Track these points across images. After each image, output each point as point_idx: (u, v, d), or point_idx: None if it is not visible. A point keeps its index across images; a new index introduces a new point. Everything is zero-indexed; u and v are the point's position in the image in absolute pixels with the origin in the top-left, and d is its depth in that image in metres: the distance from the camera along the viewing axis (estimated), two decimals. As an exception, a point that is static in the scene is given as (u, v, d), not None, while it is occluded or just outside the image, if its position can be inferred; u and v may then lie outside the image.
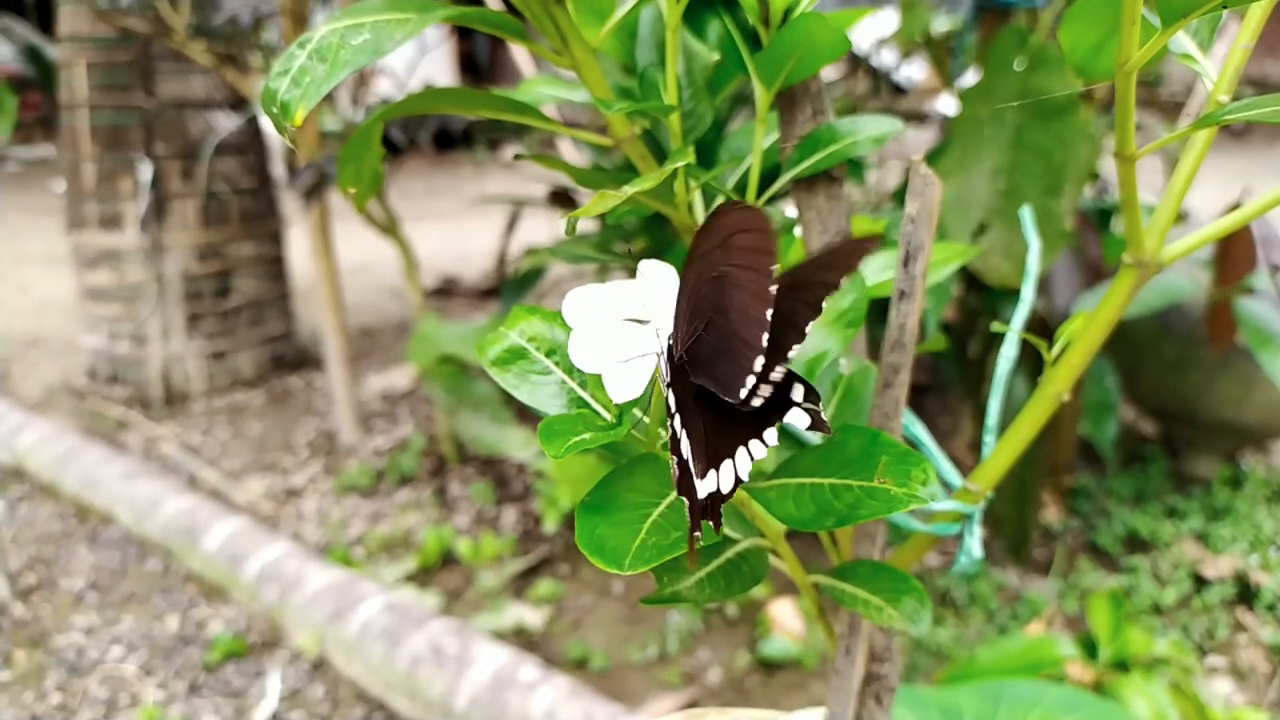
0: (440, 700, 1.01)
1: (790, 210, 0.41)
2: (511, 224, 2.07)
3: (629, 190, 0.27)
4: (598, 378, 0.29)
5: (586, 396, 0.29)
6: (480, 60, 6.48)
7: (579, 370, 0.29)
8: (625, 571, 0.24)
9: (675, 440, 0.24)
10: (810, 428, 0.25)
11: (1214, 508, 1.39)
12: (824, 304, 0.25)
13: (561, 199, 1.66)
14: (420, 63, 1.68)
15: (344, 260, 1.68)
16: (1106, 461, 1.46)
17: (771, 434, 0.25)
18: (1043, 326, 1.29)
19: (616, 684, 1.10)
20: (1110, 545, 1.33)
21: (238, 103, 1.93)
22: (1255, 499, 1.40)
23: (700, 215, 0.39)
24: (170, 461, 1.69)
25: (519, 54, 2.13)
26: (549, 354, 0.30)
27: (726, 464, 0.25)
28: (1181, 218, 1.21)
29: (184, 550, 1.36)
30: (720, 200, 0.40)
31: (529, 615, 1.21)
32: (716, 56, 0.42)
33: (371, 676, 1.09)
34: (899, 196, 1.30)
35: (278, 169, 2.13)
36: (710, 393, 0.25)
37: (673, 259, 0.29)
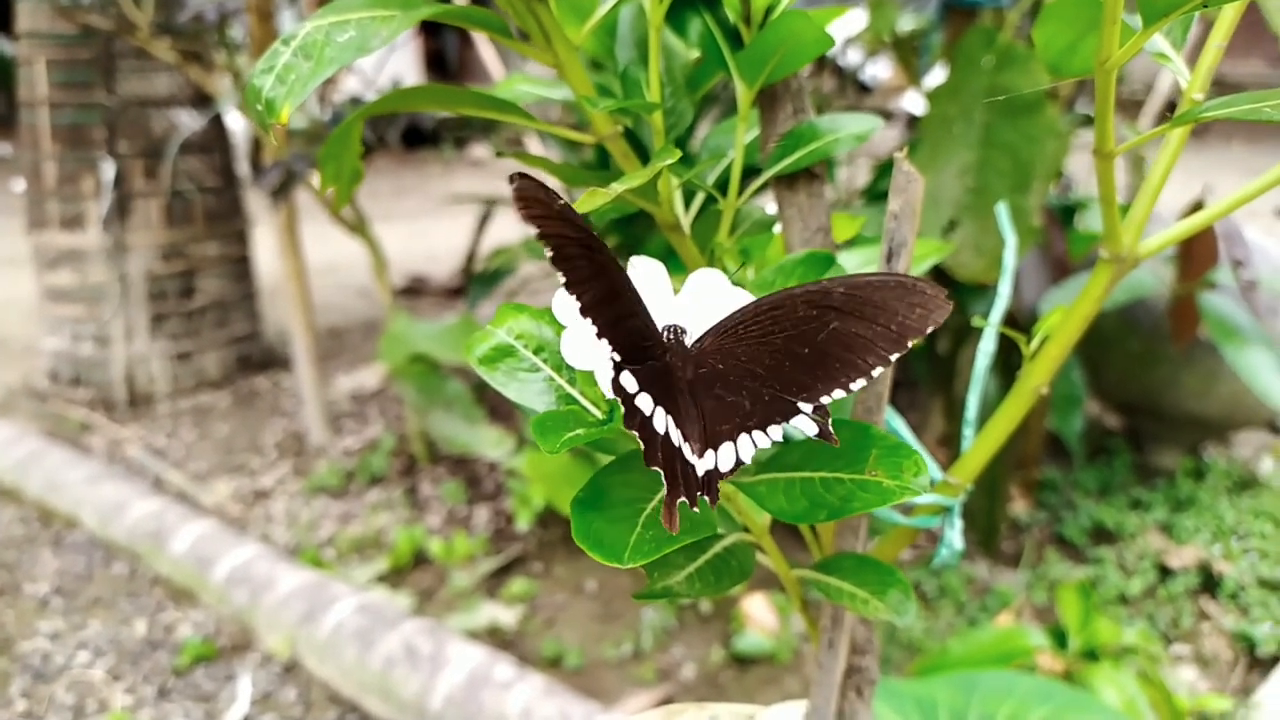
0: (415, 701, 1.00)
1: (771, 207, 0.41)
2: (483, 222, 2.07)
3: (618, 188, 0.27)
4: (586, 375, 0.29)
5: (575, 393, 0.29)
6: (450, 58, 6.45)
7: (567, 367, 0.30)
8: (624, 564, 0.24)
9: (638, 415, 0.25)
10: (818, 436, 0.26)
11: (1177, 499, 1.41)
12: (909, 343, 0.26)
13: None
14: (388, 60, 1.67)
15: (310, 260, 1.67)
16: (1073, 455, 1.48)
17: (776, 430, 0.26)
18: (1011, 322, 1.30)
19: (591, 682, 1.10)
20: (1077, 537, 1.35)
21: (202, 100, 1.90)
22: (1217, 490, 1.43)
23: (680, 212, 0.40)
24: (135, 464, 1.66)
25: (487, 53, 2.12)
26: (537, 351, 0.30)
27: (727, 446, 0.25)
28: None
29: (151, 553, 1.34)
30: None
31: (502, 614, 1.20)
32: (694, 55, 0.42)
33: (344, 678, 1.09)
34: (869, 193, 1.31)
35: (243, 167, 2.11)
36: (710, 381, 0.26)
37: (645, 256, 0.29)
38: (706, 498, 0.25)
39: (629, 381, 0.25)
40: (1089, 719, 0.66)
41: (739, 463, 0.26)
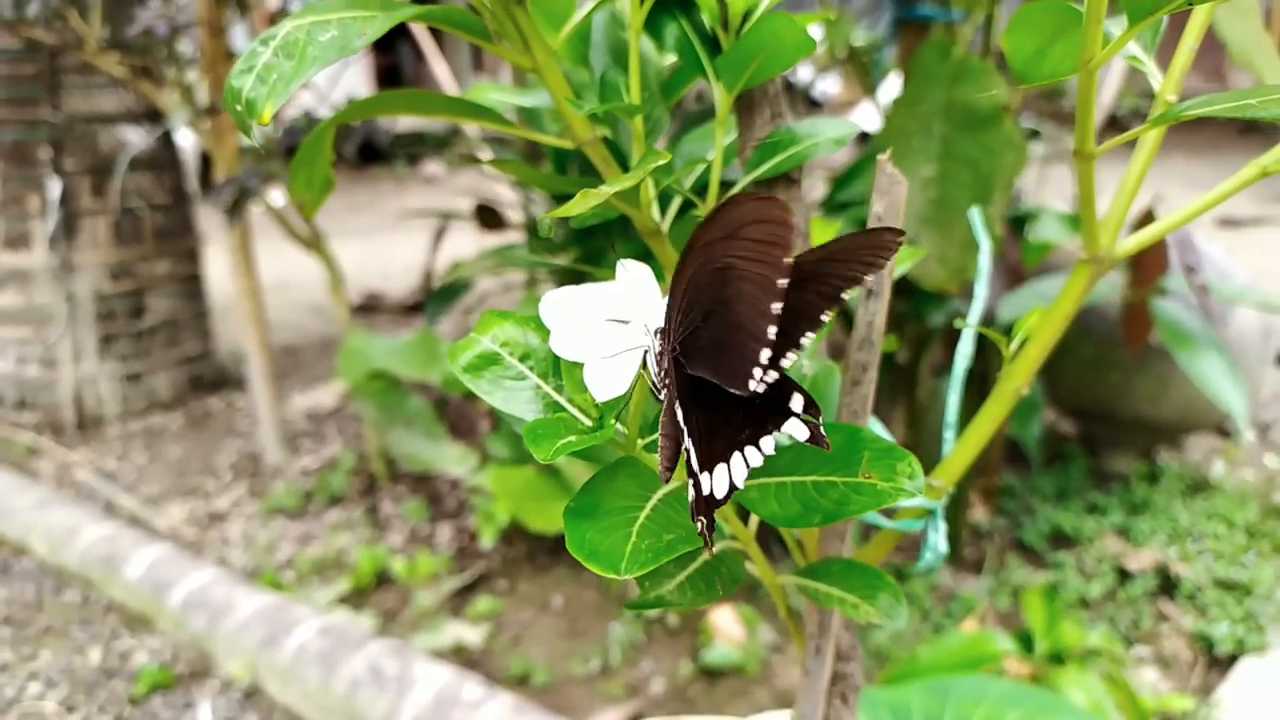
0: (381, 723, 0.99)
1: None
2: (438, 238, 2.05)
3: (609, 189, 0.27)
4: (574, 381, 0.28)
5: (563, 401, 0.29)
6: (405, 74, 6.44)
7: (555, 374, 0.29)
8: (622, 576, 0.23)
9: (679, 430, 0.24)
10: (809, 441, 0.25)
11: (1133, 503, 1.44)
12: (844, 295, 0.25)
13: (488, 214, 1.65)
14: (343, 75, 1.66)
15: (262, 277, 1.64)
16: (1031, 461, 1.49)
17: (769, 442, 0.25)
18: (969, 330, 1.32)
19: (560, 699, 1.08)
20: (1036, 542, 1.36)
21: (152, 116, 1.87)
22: (1171, 493, 1.45)
23: (659, 217, 0.39)
24: (85, 488, 1.62)
25: (441, 69, 2.11)
26: (523, 359, 0.29)
27: (720, 468, 0.25)
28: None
29: (104, 580, 1.31)
30: (724, 196, 0.40)
31: (468, 633, 1.19)
32: (668, 61, 0.42)
33: (307, 702, 1.06)
34: (826, 205, 1.32)
35: (192, 184, 2.08)
36: (702, 393, 0.25)
37: (607, 268, 0.29)
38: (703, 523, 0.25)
39: (684, 420, 0.24)
40: (1061, 721, 0.67)
41: (733, 488, 0.25)
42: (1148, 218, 1.13)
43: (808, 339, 0.25)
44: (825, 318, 0.25)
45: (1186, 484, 1.49)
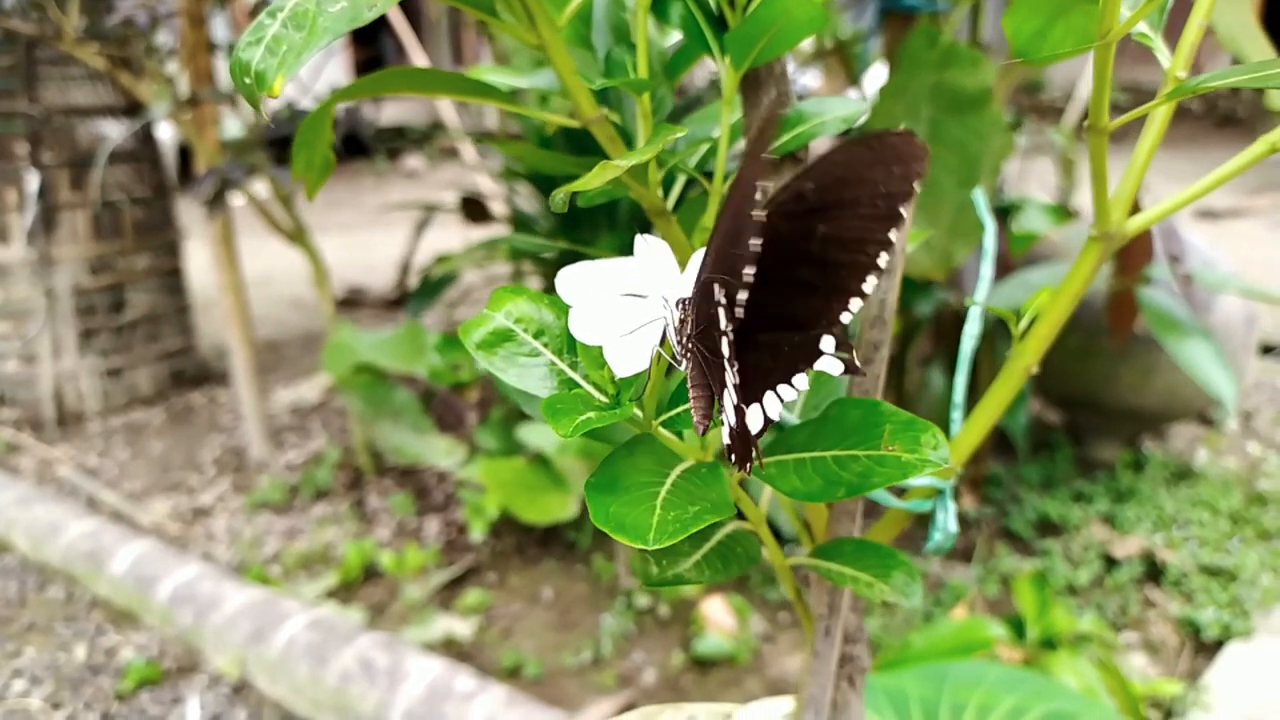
0: (373, 716, 0.98)
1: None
2: (420, 230, 2.04)
3: (624, 163, 0.26)
4: (591, 358, 0.28)
5: (578, 378, 0.28)
6: (387, 66, 6.44)
7: (570, 351, 0.29)
8: (650, 547, 0.23)
9: (708, 381, 0.25)
10: (845, 372, 0.26)
11: (1118, 491, 1.45)
12: (902, 210, 0.25)
13: (473, 206, 1.64)
14: (325, 67, 1.64)
15: (244, 272, 1.63)
16: (1019, 449, 1.50)
17: (802, 379, 0.25)
18: (955, 319, 1.32)
19: (552, 691, 1.08)
20: (1024, 530, 1.37)
21: (131, 108, 1.85)
22: (1156, 481, 1.47)
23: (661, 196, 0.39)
24: (67, 485, 1.60)
25: (421, 61, 2.10)
26: (537, 335, 0.29)
27: (754, 407, 0.25)
28: (1072, 215, 1.26)
29: (88, 575, 1.29)
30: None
31: (458, 626, 1.18)
32: (669, 42, 0.42)
33: (297, 696, 1.06)
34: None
35: (171, 177, 2.05)
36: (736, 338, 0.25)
37: (597, 253, 0.28)
38: (738, 463, 0.25)
39: (726, 346, 0.24)
40: (1057, 705, 0.67)
41: (768, 422, 0.26)
42: (1133, 207, 1.14)
43: (883, 260, 0.25)
44: (893, 235, 0.25)
45: (1171, 472, 1.50)
